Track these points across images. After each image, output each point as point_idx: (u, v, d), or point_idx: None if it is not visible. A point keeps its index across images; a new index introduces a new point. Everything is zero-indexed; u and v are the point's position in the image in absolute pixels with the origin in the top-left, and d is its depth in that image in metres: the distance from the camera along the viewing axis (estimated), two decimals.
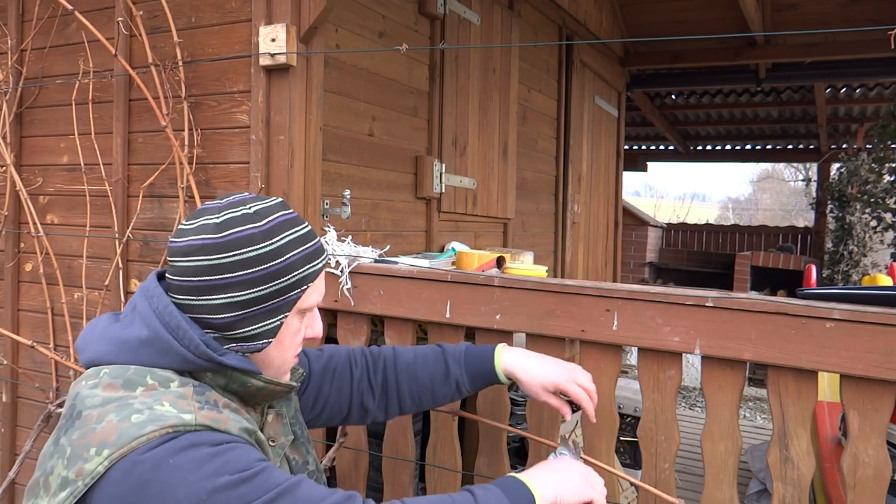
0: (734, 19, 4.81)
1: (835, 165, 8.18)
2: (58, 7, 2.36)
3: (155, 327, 0.99)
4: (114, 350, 0.99)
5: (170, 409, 0.91)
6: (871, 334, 1.31)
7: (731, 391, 1.45)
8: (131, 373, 0.96)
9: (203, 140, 2.13)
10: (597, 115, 5.09)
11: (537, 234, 4.22)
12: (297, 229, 1.06)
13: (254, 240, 1.00)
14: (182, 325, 0.99)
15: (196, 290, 1.00)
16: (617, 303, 1.52)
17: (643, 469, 1.54)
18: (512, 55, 3.67)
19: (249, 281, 1.00)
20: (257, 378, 1.04)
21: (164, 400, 0.92)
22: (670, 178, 61.80)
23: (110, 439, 0.87)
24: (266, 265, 1.01)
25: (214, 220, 1.01)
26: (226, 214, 1.02)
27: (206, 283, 1.00)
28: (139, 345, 0.99)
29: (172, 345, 0.98)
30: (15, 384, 2.61)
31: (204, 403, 0.95)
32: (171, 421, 0.89)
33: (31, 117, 2.55)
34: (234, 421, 0.96)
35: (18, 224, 2.59)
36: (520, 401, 2.44)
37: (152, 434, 0.87)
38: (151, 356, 0.98)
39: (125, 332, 1.01)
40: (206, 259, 0.99)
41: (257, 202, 1.05)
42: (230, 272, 0.99)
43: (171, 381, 0.97)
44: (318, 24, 1.95)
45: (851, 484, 1.35)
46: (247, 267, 1.00)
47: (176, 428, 0.88)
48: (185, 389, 0.96)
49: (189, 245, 1.00)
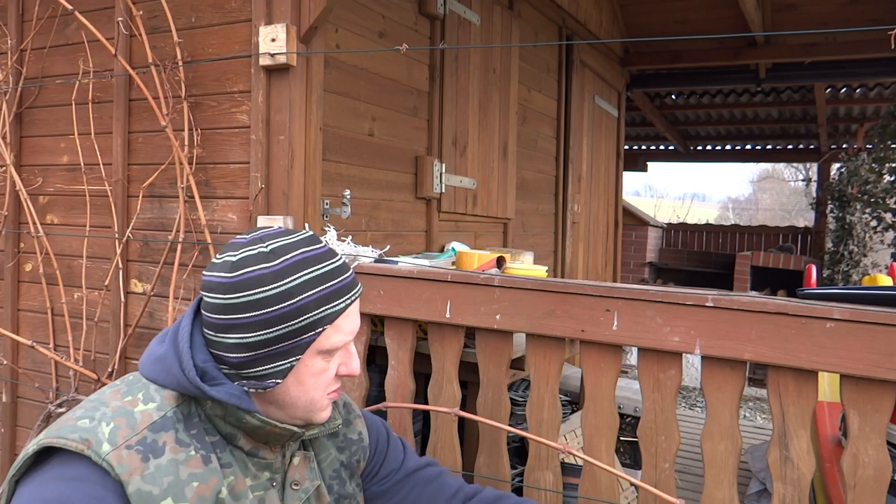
0: (734, 19, 4.81)
1: (835, 165, 8.19)
2: (58, 7, 2.36)
3: (169, 346, 1.01)
4: (143, 360, 1.04)
5: (105, 430, 0.92)
6: (871, 334, 1.31)
7: (731, 391, 1.45)
8: (138, 385, 1.01)
9: (203, 140, 2.13)
10: (597, 115, 5.09)
11: (537, 234, 4.22)
12: (317, 268, 1.02)
13: (263, 281, 0.97)
14: (185, 348, 0.99)
15: (214, 326, 1.00)
16: (617, 303, 1.52)
17: (643, 469, 1.54)
18: (512, 55, 3.67)
19: (257, 323, 0.97)
20: (252, 416, 1.00)
21: (115, 422, 0.94)
22: (670, 178, 61.80)
23: (53, 428, 0.93)
24: (274, 308, 0.97)
25: (231, 258, 1.00)
26: (243, 253, 1.00)
27: (221, 321, 0.99)
28: (155, 359, 1.02)
29: (173, 366, 0.98)
30: (15, 384, 2.61)
31: (142, 443, 0.93)
32: (89, 438, 0.91)
33: (31, 117, 2.55)
34: (157, 472, 0.92)
35: (18, 224, 2.59)
36: (520, 401, 2.44)
37: (70, 442, 0.90)
38: (160, 373, 1.00)
39: (157, 345, 1.04)
40: (221, 297, 0.99)
41: (279, 239, 1.02)
42: (240, 313, 0.97)
43: (152, 402, 0.98)
44: (318, 24, 1.95)
45: (851, 484, 1.35)
46: (255, 309, 0.97)
47: (90, 448, 0.90)
48: (146, 418, 0.96)
49: (209, 281, 1.01)
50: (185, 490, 0.93)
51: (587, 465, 1.59)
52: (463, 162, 3.24)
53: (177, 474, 0.93)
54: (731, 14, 4.81)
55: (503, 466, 1.71)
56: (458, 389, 1.75)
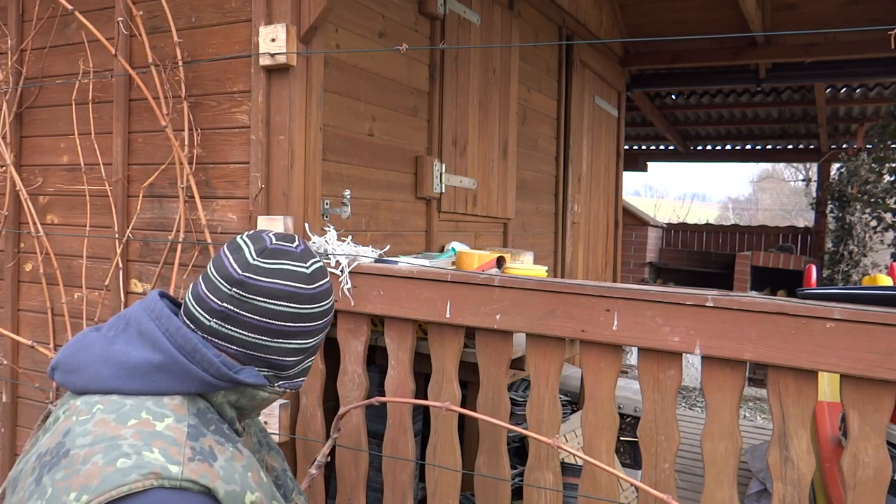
0: (734, 19, 4.81)
1: (835, 165, 8.18)
2: (58, 7, 2.36)
3: (169, 351, 0.96)
4: (120, 375, 0.95)
5: (158, 457, 0.87)
6: (871, 334, 1.31)
7: (731, 391, 1.45)
8: (126, 408, 0.92)
9: (203, 140, 2.13)
10: (597, 115, 5.09)
11: (537, 234, 4.22)
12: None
13: (330, 292, 1.11)
14: (199, 347, 0.98)
15: (273, 332, 1.03)
16: (617, 303, 1.52)
17: (643, 469, 1.54)
18: (512, 55, 3.67)
19: (317, 330, 1.08)
20: (265, 389, 1.06)
21: (155, 446, 0.88)
22: (670, 178, 61.80)
23: (92, 484, 0.83)
24: (329, 316, 1.11)
25: (304, 270, 1.05)
26: (314, 264, 1.08)
27: (287, 328, 1.03)
28: (152, 370, 0.95)
29: (190, 369, 0.96)
30: (15, 384, 2.61)
31: (197, 452, 0.91)
32: (155, 469, 0.85)
33: (31, 117, 2.55)
34: (226, 471, 0.92)
35: (18, 224, 2.59)
36: (520, 401, 2.44)
37: (135, 483, 0.83)
38: (166, 382, 0.95)
39: (131, 354, 0.96)
40: (296, 307, 1.04)
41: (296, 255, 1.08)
42: (313, 321, 1.06)
43: (167, 417, 0.93)
44: (318, 24, 1.95)
45: (851, 484, 1.35)
46: (323, 318, 1.08)
47: (160, 478, 0.85)
48: (178, 432, 0.91)
49: (276, 288, 1.02)
50: (249, 482, 0.96)
51: (587, 465, 1.59)
52: (463, 162, 3.24)
53: (236, 470, 0.95)
54: (731, 14, 4.81)
55: (503, 466, 1.71)
56: (458, 389, 1.75)
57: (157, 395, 0.95)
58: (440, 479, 1.77)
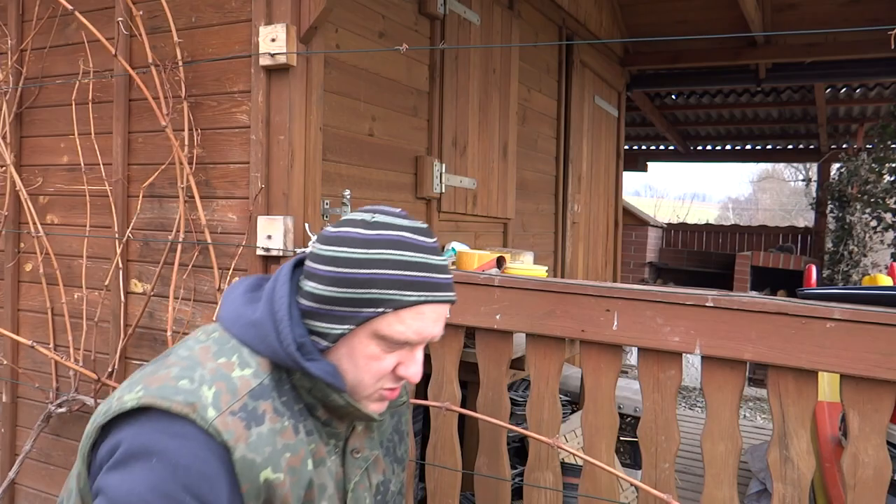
0: (734, 19, 4.81)
1: (835, 165, 8.18)
2: (58, 7, 2.36)
3: (264, 312, 1.01)
4: (231, 318, 1.04)
5: (208, 397, 0.93)
6: (871, 334, 1.31)
7: (731, 391, 1.45)
8: (227, 346, 1.00)
9: (203, 140, 2.13)
10: (597, 115, 5.09)
11: (537, 234, 4.22)
12: (407, 254, 1.02)
13: (352, 243, 1.02)
14: (284, 319, 1.00)
15: (305, 271, 1.05)
16: (617, 303, 1.52)
17: (643, 469, 1.54)
18: (512, 55, 3.67)
19: (329, 278, 1.01)
20: (339, 395, 1.02)
21: (216, 386, 0.94)
22: (670, 178, 61.79)
23: (153, 386, 0.93)
24: (347, 270, 1.00)
25: (345, 217, 1.07)
26: (354, 215, 1.06)
27: (309, 267, 1.04)
28: (248, 324, 1.02)
29: (269, 335, 0.99)
30: (15, 384, 2.61)
31: (247, 411, 0.94)
32: (196, 404, 0.91)
33: (31, 117, 2.55)
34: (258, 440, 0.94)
35: (18, 224, 2.59)
36: (520, 401, 2.45)
37: (175, 405, 0.91)
38: (254, 339, 1.00)
39: (248, 306, 1.04)
40: (317, 246, 1.04)
41: (390, 217, 1.05)
42: (321, 264, 1.02)
43: (249, 368, 0.98)
44: (318, 24, 1.95)
45: (851, 484, 1.35)
46: (332, 264, 1.01)
47: (194, 412, 0.91)
48: (245, 385, 0.96)
49: (322, 232, 1.07)
50: (280, 460, 0.96)
51: (587, 465, 1.59)
52: (463, 162, 3.24)
53: (274, 444, 0.96)
54: (731, 14, 4.81)
55: (503, 466, 1.71)
56: (458, 389, 1.75)
57: (252, 349, 1.00)
58: (440, 479, 1.77)
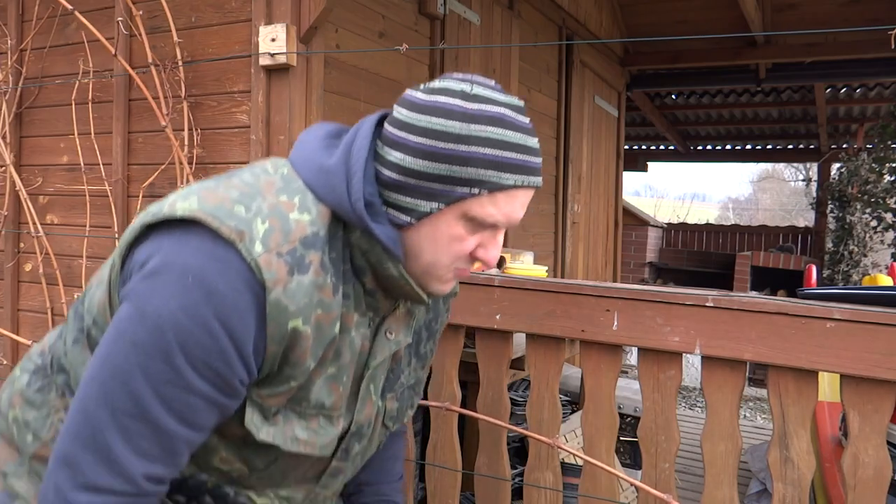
0: (734, 19, 4.81)
1: (835, 165, 8.18)
2: (58, 7, 2.35)
3: (339, 161, 0.95)
4: (302, 160, 0.97)
5: (258, 230, 0.87)
6: (871, 334, 1.31)
7: (731, 391, 1.45)
8: (293, 186, 0.94)
9: (203, 140, 2.13)
10: (597, 115, 5.09)
11: (537, 234, 4.22)
12: (511, 134, 0.94)
13: (450, 115, 0.92)
14: (359, 172, 0.93)
15: (386, 139, 0.96)
16: (617, 303, 1.52)
17: (643, 469, 1.54)
18: (512, 55, 3.67)
19: (422, 151, 0.91)
20: (394, 265, 0.96)
21: (269, 222, 0.88)
22: (670, 178, 61.82)
23: (208, 204, 0.88)
24: (445, 144, 0.91)
25: (436, 84, 0.96)
26: (448, 83, 0.95)
27: (393, 136, 0.94)
28: (320, 169, 0.95)
29: (339, 185, 0.93)
30: None
31: (294, 256, 0.89)
32: (246, 235, 0.86)
33: (31, 117, 2.55)
34: (297, 288, 0.89)
35: (18, 224, 2.59)
36: (520, 401, 2.45)
37: (224, 228, 0.85)
38: (323, 186, 0.94)
39: (323, 150, 0.97)
40: (404, 113, 0.94)
41: (489, 90, 0.95)
42: (412, 134, 0.92)
43: (308, 213, 0.92)
44: (318, 24, 1.95)
45: (851, 484, 1.35)
46: (427, 136, 0.91)
47: (241, 241, 0.86)
48: (300, 230, 0.90)
49: (405, 96, 0.96)
50: (311, 314, 0.91)
51: (587, 465, 1.59)
52: None
53: (311, 297, 0.90)
54: (731, 14, 4.81)
55: (503, 466, 1.71)
56: (457, 389, 1.75)
57: (317, 195, 0.94)
58: (440, 479, 1.77)
